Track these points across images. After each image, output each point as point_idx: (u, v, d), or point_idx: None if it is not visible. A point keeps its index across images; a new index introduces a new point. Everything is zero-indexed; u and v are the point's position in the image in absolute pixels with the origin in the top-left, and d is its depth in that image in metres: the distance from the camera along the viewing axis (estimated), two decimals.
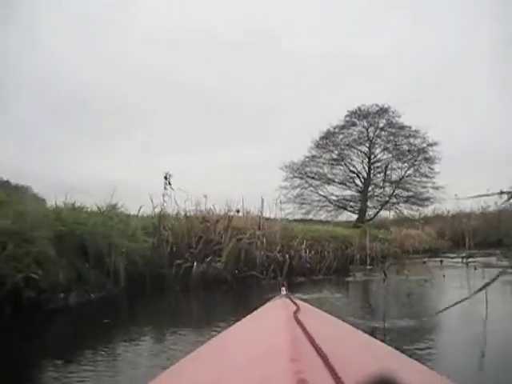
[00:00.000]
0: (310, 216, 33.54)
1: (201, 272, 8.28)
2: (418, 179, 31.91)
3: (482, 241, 21.27)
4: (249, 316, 1.78)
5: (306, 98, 41.94)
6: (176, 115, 37.92)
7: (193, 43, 38.68)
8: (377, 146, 33.80)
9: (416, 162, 31.87)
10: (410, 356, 1.40)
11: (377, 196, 33.66)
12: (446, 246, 17.40)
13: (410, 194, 32.15)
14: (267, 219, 10.99)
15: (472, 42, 41.05)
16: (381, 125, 33.46)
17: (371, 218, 32.74)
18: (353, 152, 34.61)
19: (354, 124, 34.57)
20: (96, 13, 34.33)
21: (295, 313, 1.14)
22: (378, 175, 33.46)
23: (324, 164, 34.95)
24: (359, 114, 34.28)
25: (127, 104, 33.58)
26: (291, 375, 0.64)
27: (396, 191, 32.43)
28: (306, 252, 10.38)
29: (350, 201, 34.53)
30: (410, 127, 31.92)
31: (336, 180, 34.71)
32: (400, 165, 32.54)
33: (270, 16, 41.58)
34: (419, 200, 31.74)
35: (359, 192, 33.92)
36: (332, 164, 34.93)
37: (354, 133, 34.49)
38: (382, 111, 33.33)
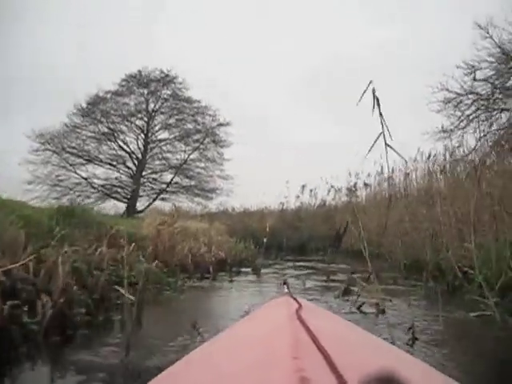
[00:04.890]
0: (64, 202, 22.89)
1: None
2: (203, 165, 24.33)
3: (279, 244, 15.17)
4: (251, 314, 1.64)
5: None
6: None
7: None
8: (157, 121, 25.23)
9: (202, 145, 24.28)
10: None
11: (152, 183, 24.94)
12: (252, 254, 9.71)
13: (193, 183, 24.32)
14: None
15: None
16: (164, 96, 25.04)
17: (143, 209, 23.93)
18: (127, 126, 25.34)
19: (131, 91, 25.48)
20: None
21: (297, 311, 1.04)
22: (156, 157, 24.78)
23: (89, 138, 24.77)
24: (139, 80, 25.35)
25: None
26: (293, 373, 0.60)
27: (176, 178, 24.26)
28: None
29: (119, 186, 24.98)
30: (200, 101, 24.28)
31: (102, 159, 24.77)
32: (183, 147, 24.54)
33: None
34: (203, 191, 24.20)
35: (131, 177, 24.68)
36: (99, 139, 24.92)
37: (131, 102, 25.52)
38: (168, 80, 25.03)
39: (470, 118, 9.93)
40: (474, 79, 10.24)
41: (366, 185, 14.17)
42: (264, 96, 34.28)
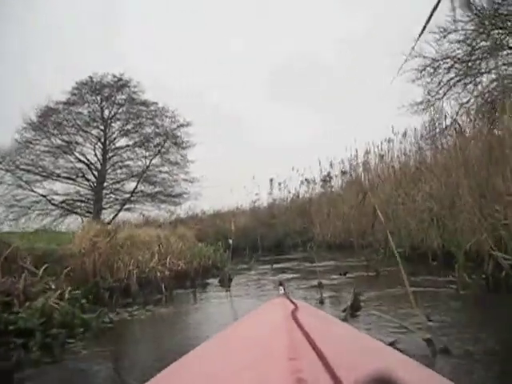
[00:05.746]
0: (22, 222, 20.83)
1: None
2: (166, 169, 22.77)
3: (253, 244, 13.82)
4: (247, 315, 1.54)
5: None
6: None
7: None
8: (114, 129, 23.52)
9: (163, 149, 22.72)
10: None
11: (115, 193, 23.20)
12: (222, 260, 8.19)
13: (158, 189, 22.71)
14: None
15: None
16: (119, 101, 23.34)
17: (109, 222, 22.11)
18: (83, 137, 23.56)
19: (84, 100, 23.69)
20: None
21: (293, 312, 1.01)
22: (116, 166, 23.06)
23: (43, 152, 22.87)
24: (91, 87, 23.58)
25: None
26: (289, 374, 0.59)
27: (140, 186, 22.58)
28: None
29: (80, 201, 23.22)
30: (157, 103, 22.73)
31: (60, 174, 22.97)
32: (144, 152, 22.90)
33: None
34: (169, 196, 22.61)
35: (92, 189, 22.93)
36: (54, 153, 23.06)
37: (85, 111, 23.71)
38: (121, 84, 23.36)
39: (451, 83, 8.85)
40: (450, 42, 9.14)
41: (343, 173, 12.88)
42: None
